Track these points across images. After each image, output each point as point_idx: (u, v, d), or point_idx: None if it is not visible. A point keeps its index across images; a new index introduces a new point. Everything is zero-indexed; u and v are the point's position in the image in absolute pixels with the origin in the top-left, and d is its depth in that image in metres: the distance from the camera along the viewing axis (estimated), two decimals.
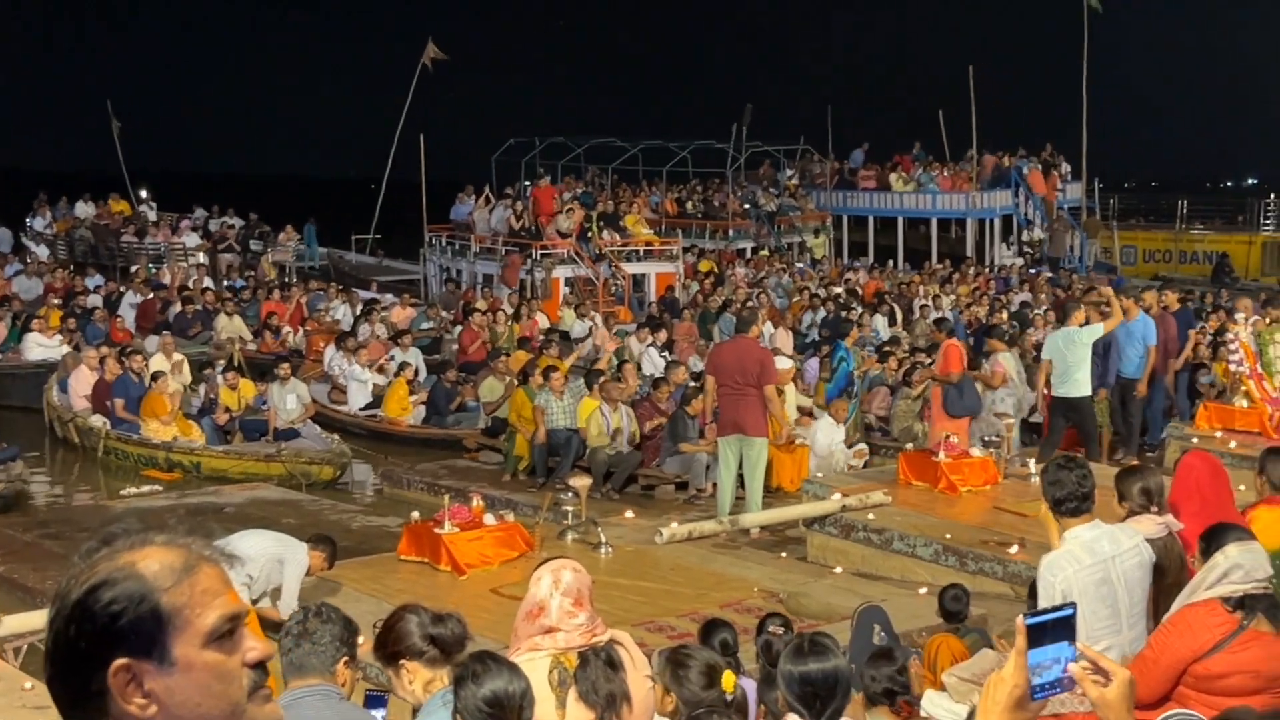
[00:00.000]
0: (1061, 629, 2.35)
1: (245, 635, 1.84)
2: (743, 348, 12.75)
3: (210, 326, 23.71)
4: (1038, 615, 2.36)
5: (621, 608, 9.33)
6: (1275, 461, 6.60)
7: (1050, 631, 2.34)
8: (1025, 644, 2.24)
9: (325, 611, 4.31)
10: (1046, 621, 2.35)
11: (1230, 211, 41.56)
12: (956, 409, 14.39)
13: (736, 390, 12.38)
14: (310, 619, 4.24)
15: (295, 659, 4.16)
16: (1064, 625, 2.35)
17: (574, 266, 28.46)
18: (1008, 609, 9.26)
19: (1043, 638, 2.32)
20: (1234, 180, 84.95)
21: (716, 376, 12.53)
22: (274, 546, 8.95)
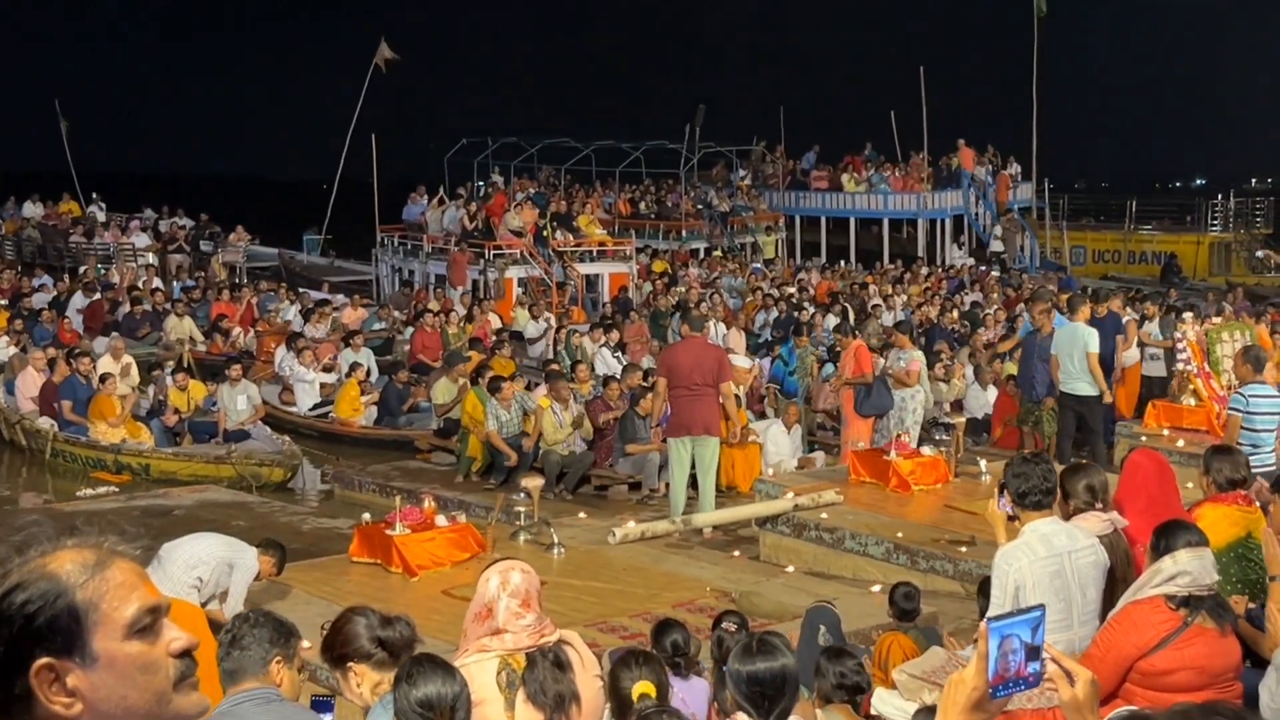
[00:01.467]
0: (1029, 630, 2.36)
1: (168, 626, 1.86)
2: (699, 348, 12.76)
3: (159, 327, 23.52)
4: (1003, 619, 2.37)
5: (574, 608, 9.32)
6: (1219, 460, 6.65)
7: (1017, 633, 2.35)
8: (986, 648, 2.26)
9: (254, 616, 4.29)
10: (1013, 623, 2.37)
11: (1178, 212, 41.95)
12: (866, 409, 14.49)
13: (694, 391, 12.37)
14: (240, 625, 4.23)
15: (229, 666, 4.14)
16: (1033, 627, 2.36)
17: (527, 267, 28.41)
18: (959, 607, 9.32)
19: (1009, 639, 2.33)
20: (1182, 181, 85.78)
21: (671, 378, 12.50)
22: (223, 550, 8.88)
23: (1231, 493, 6.58)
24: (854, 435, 14.44)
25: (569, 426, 15.11)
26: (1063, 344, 13.80)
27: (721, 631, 6.43)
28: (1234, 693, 5.06)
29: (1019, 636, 2.34)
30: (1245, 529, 6.49)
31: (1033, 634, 2.35)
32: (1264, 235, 40.77)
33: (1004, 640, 2.33)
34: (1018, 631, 2.35)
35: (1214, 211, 40.24)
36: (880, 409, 14.56)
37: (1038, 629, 2.36)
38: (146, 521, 13.69)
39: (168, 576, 8.58)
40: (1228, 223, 40.07)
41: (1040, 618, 2.37)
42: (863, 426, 14.51)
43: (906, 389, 14.89)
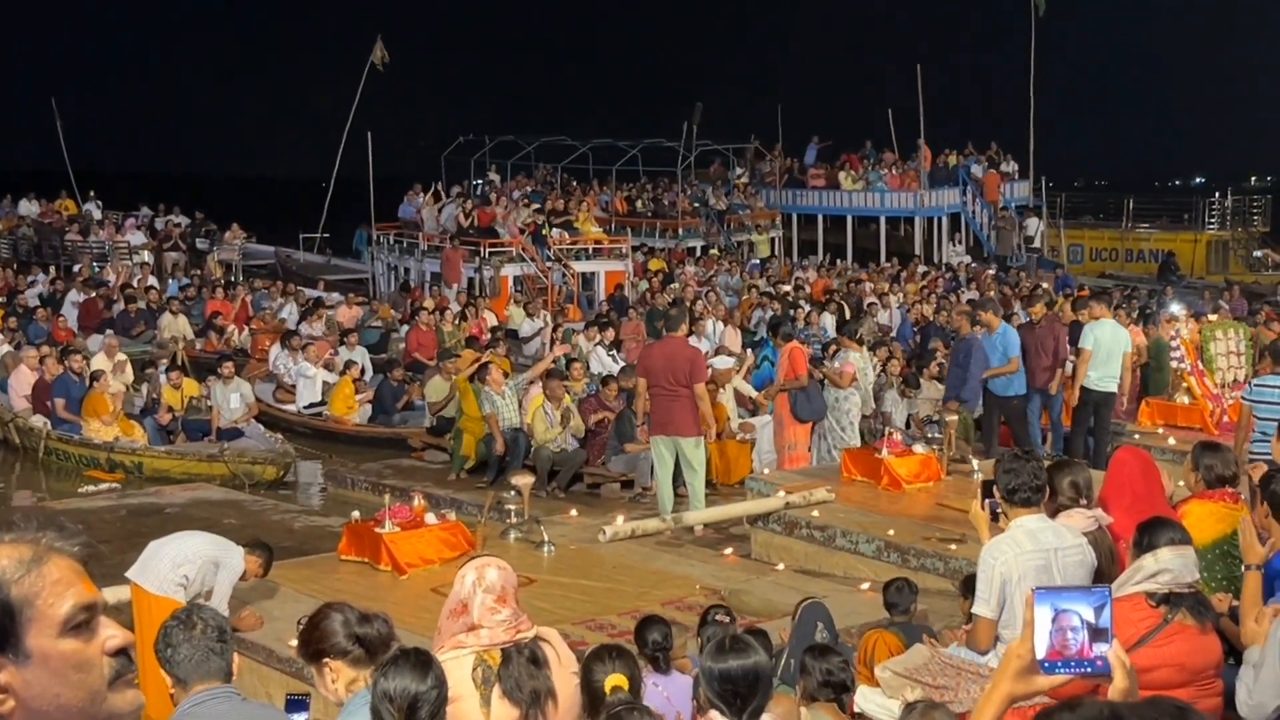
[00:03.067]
0: (1090, 610, 2.29)
1: (104, 624, 1.84)
2: (672, 348, 12.70)
3: (154, 326, 23.51)
4: (1053, 590, 2.32)
5: (563, 606, 9.32)
6: (1208, 456, 6.64)
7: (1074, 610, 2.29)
8: (1033, 616, 2.25)
9: (191, 617, 4.28)
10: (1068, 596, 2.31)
11: (1176, 210, 41.92)
12: (805, 413, 14.41)
13: (668, 391, 12.32)
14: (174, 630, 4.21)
15: (182, 673, 4.14)
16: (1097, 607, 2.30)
17: (522, 265, 28.40)
18: (949, 604, 9.30)
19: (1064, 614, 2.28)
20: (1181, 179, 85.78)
21: (648, 378, 12.45)
22: (210, 549, 8.84)
23: (1219, 490, 6.56)
24: (790, 439, 14.33)
25: (559, 426, 15.08)
26: (1104, 340, 13.68)
27: (714, 625, 6.43)
28: (1214, 690, 5.04)
29: (1079, 614, 2.27)
30: (1231, 526, 6.46)
31: (1096, 614, 2.28)
32: (1261, 234, 40.74)
33: (1060, 615, 2.28)
34: (1076, 608, 2.28)
35: (1211, 210, 40.21)
36: (817, 414, 14.52)
37: (1103, 610, 2.29)
38: (139, 519, 13.69)
39: (155, 574, 8.56)
40: (1225, 221, 40.03)
41: (1106, 598, 2.30)
42: (800, 431, 14.41)
43: (839, 390, 14.79)
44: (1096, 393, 13.71)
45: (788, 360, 14.43)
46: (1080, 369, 13.74)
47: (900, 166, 38.06)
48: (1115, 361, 13.74)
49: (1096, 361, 13.67)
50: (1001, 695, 2.39)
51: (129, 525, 13.35)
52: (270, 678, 8.45)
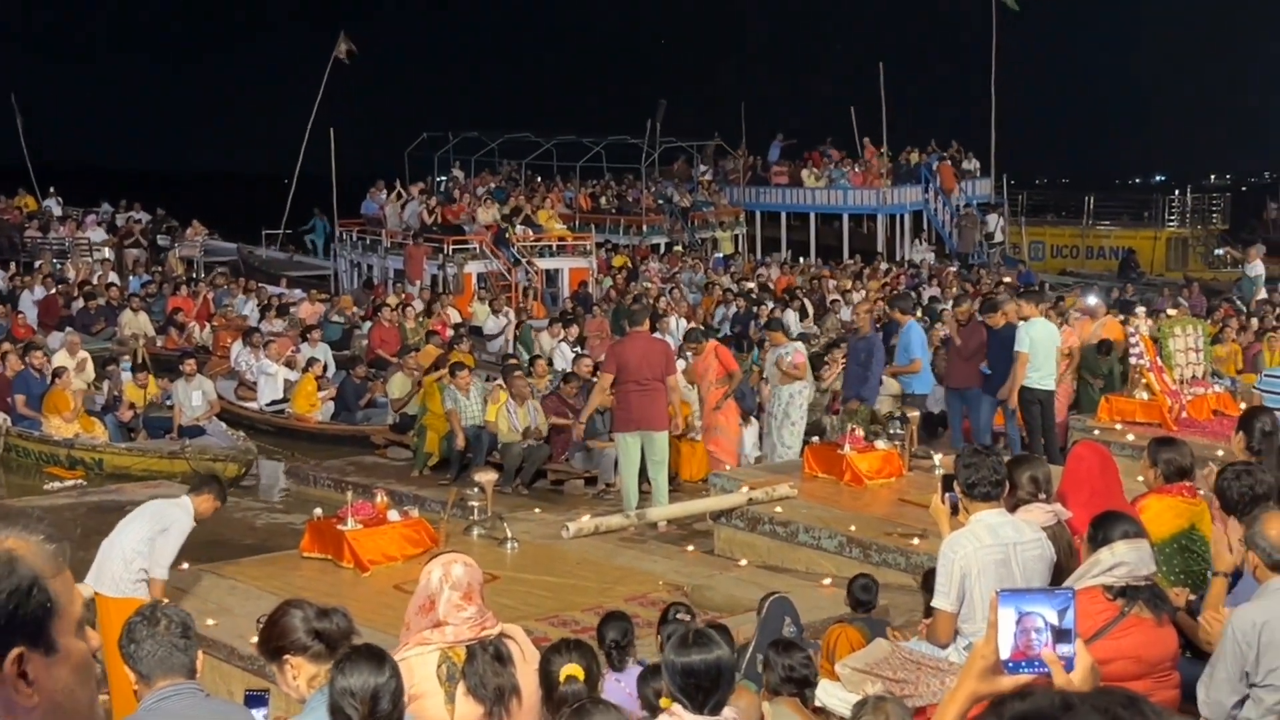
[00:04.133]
0: (1053, 611, 2.33)
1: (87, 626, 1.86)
2: (645, 343, 12.76)
3: (114, 323, 23.37)
4: (1017, 592, 2.36)
5: (526, 602, 9.32)
6: (1165, 451, 6.70)
7: (1038, 611, 2.33)
8: (996, 617, 2.28)
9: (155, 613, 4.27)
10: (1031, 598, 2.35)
11: (1136, 208, 42.22)
12: (749, 402, 14.54)
13: (643, 386, 12.36)
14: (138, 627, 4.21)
15: (145, 669, 4.14)
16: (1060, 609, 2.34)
17: (486, 261, 28.36)
18: (911, 600, 9.35)
19: (1028, 616, 2.32)
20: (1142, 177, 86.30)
21: (621, 374, 12.46)
22: (149, 528, 8.72)
23: (1177, 484, 6.63)
24: (721, 421, 14.32)
25: (521, 429, 15.05)
26: (1040, 340, 13.84)
27: (675, 624, 6.44)
28: (1170, 682, 5.10)
29: (1042, 616, 2.32)
30: (1189, 521, 6.54)
31: (1060, 616, 2.33)
32: (1220, 231, 41.07)
33: (1024, 617, 2.31)
34: (1040, 610, 2.32)
35: (1171, 208, 40.51)
36: (751, 409, 14.58)
37: (1066, 612, 2.33)
38: (100, 517, 13.58)
39: (110, 577, 8.52)
40: (1185, 219, 40.35)
41: (1069, 601, 2.35)
42: (731, 414, 14.44)
43: (795, 383, 14.83)
44: (1038, 391, 13.87)
45: (719, 359, 14.44)
46: (1019, 370, 13.85)
47: (860, 164, 38.18)
48: (1051, 360, 13.93)
49: (1035, 361, 13.82)
50: (966, 694, 2.43)
51: (90, 523, 13.24)
52: (232, 675, 8.42)
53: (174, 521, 8.73)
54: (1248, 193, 58.59)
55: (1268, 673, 4.61)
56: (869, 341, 14.72)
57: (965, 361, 14.48)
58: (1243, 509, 5.65)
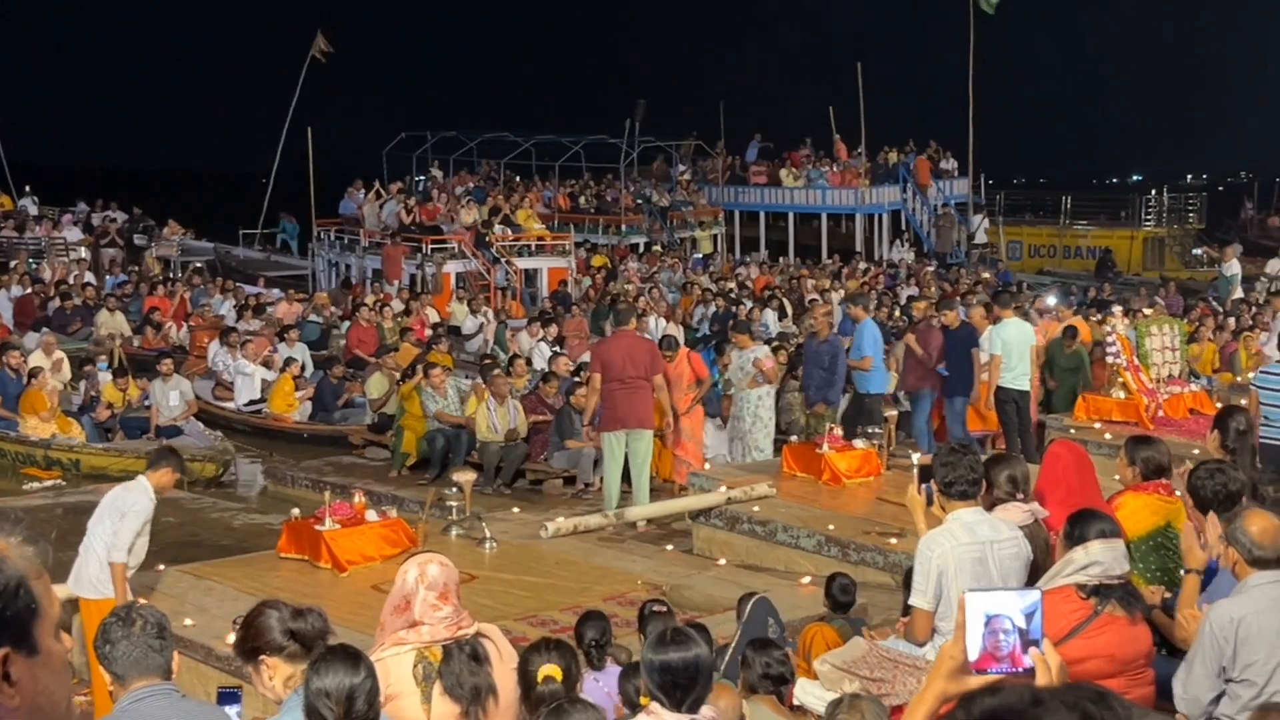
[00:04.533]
0: (1021, 612, 2.35)
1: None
2: (631, 342, 12.78)
3: (90, 322, 23.27)
4: (985, 591, 2.38)
5: (504, 602, 9.31)
6: (1142, 450, 6.73)
7: (1006, 612, 2.35)
8: (964, 618, 2.30)
9: (130, 614, 4.26)
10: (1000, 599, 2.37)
11: (1113, 208, 42.42)
12: (714, 409, 14.60)
13: (629, 385, 12.37)
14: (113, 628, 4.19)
15: (120, 670, 4.12)
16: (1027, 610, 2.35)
17: (465, 261, 28.32)
18: (889, 598, 9.38)
19: (996, 616, 2.33)
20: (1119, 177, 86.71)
21: (605, 373, 12.46)
22: (109, 523, 8.62)
23: (1153, 482, 6.66)
24: (688, 426, 14.34)
25: (502, 430, 15.03)
26: (1013, 340, 13.92)
27: (655, 618, 6.46)
28: (1145, 680, 5.12)
29: (1010, 619, 2.33)
30: (1165, 519, 6.57)
31: (1028, 621, 2.35)
32: (1197, 230, 41.30)
33: (992, 619, 2.33)
34: (1008, 613, 2.34)
35: (1148, 207, 40.71)
36: (716, 412, 14.64)
37: (1033, 614, 2.35)
38: (76, 518, 13.52)
39: (88, 580, 8.48)
40: (1161, 218, 40.56)
41: (1037, 605, 2.37)
42: (698, 419, 14.45)
43: (761, 387, 14.86)
44: (1012, 390, 13.94)
45: (691, 365, 14.48)
46: (993, 373, 13.93)
47: (838, 165, 38.31)
48: (1026, 360, 14.00)
49: (1009, 361, 13.90)
50: (935, 694, 2.45)
51: (66, 523, 13.18)
52: (209, 676, 8.39)
53: (130, 505, 8.61)
54: (1224, 192, 58.96)
55: (1244, 668, 4.64)
56: (831, 344, 14.79)
57: (918, 364, 14.51)
58: (1216, 507, 5.68)
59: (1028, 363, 14.04)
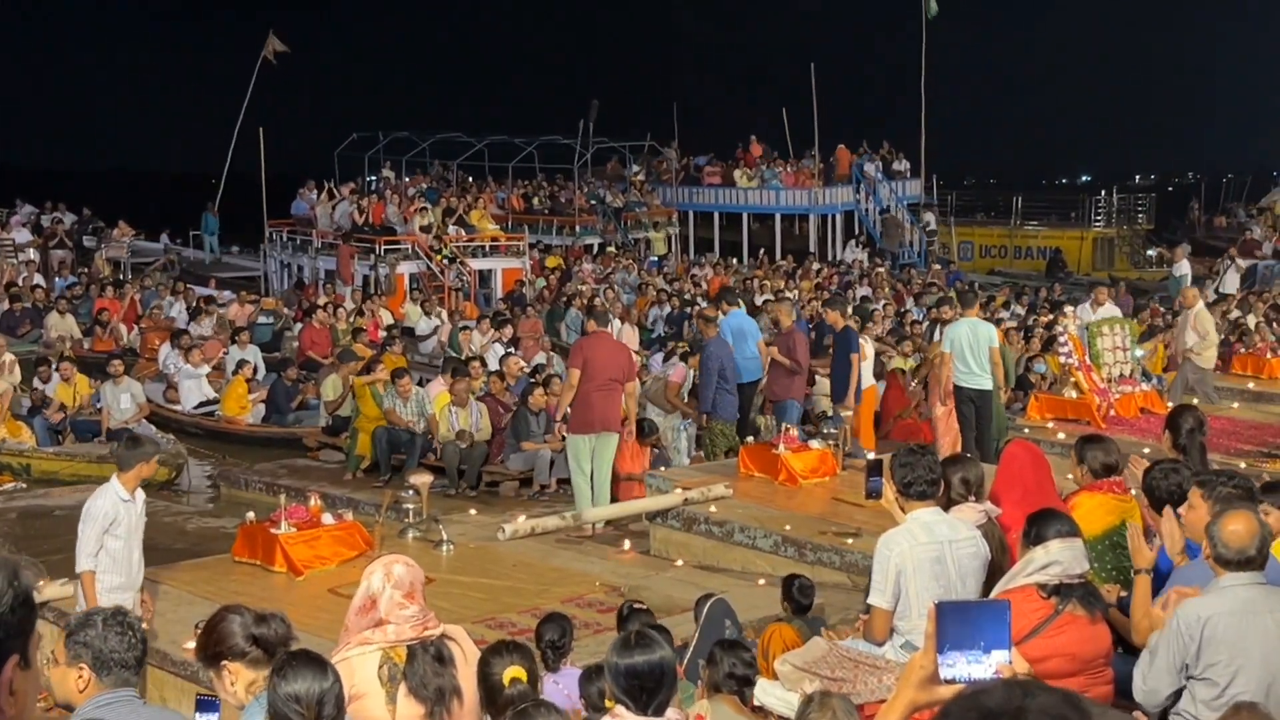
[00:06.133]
0: (989, 622, 2.38)
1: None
2: (612, 345, 12.80)
3: (40, 324, 23.05)
4: (953, 603, 2.41)
5: (462, 605, 9.29)
6: (1092, 449, 6.79)
7: (974, 621, 2.38)
8: (934, 629, 2.33)
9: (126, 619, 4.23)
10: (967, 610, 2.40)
11: (1063, 208, 42.78)
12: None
13: (606, 388, 12.34)
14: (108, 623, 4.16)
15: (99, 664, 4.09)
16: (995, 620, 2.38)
17: (418, 262, 28.23)
18: (845, 598, 9.42)
19: (964, 626, 2.36)
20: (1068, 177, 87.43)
21: (586, 372, 12.30)
22: (81, 532, 8.31)
23: (1106, 481, 6.72)
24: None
25: (458, 431, 14.98)
26: (962, 339, 13.92)
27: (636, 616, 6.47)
28: (1104, 678, 5.17)
29: (979, 638, 2.37)
30: (1120, 517, 6.63)
31: (996, 631, 2.38)
32: (1146, 231, 41.71)
33: (960, 639, 2.36)
34: (975, 630, 2.37)
35: (1098, 208, 41.08)
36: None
37: (1002, 625, 2.39)
38: (28, 522, 13.43)
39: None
40: (1111, 218, 40.93)
41: (1005, 611, 2.40)
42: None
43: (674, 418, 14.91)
44: (969, 390, 13.96)
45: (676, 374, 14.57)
46: (944, 370, 13.97)
47: (792, 165, 38.54)
48: (980, 358, 13.97)
49: (961, 360, 13.92)
50: (905, 702, 2.48)
51: (18, 529, 13.11)
52: (165, 681, 8.33)
53: (87, 511, 8.34)
54: (1173, 193, 59.55)
55: (1207, 667, 4.68)
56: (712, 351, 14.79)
57: (785, 372, 14.39)
58: (1172, 506, 5.75)
59: (985, 362, 14.04)
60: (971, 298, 15.92)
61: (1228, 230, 39.29)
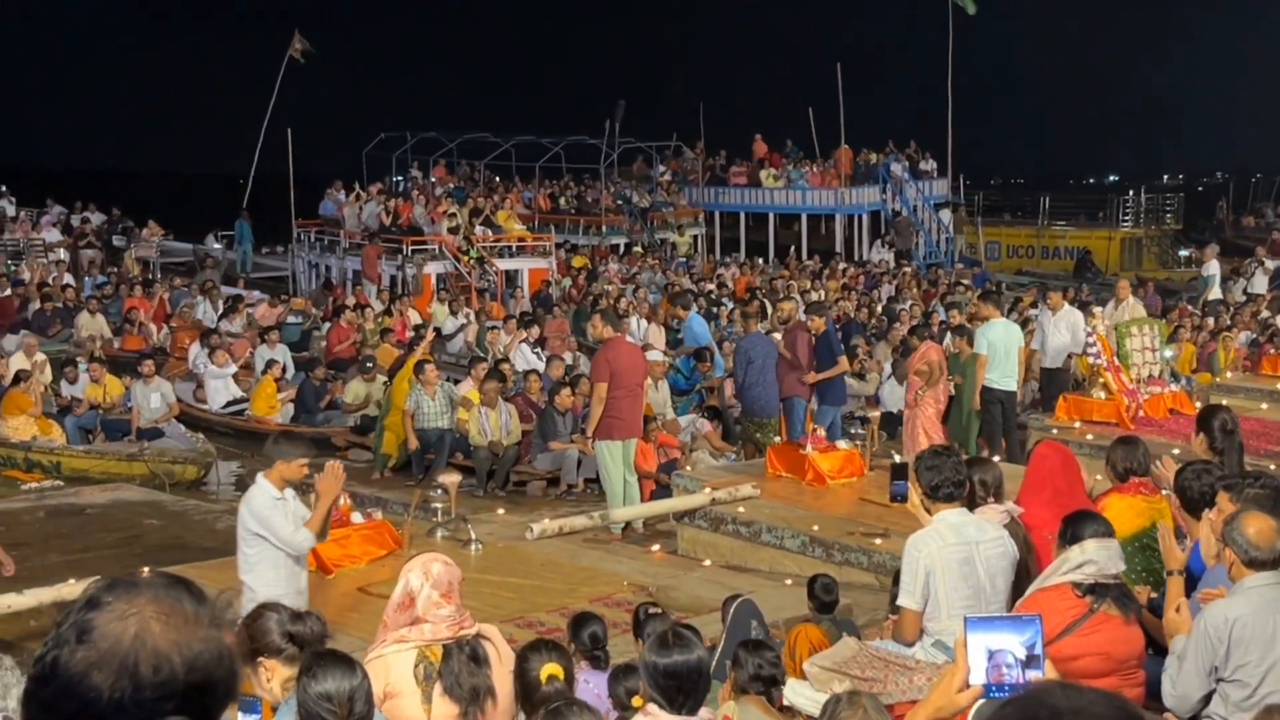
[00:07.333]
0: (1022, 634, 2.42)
1: None
2: (630, 348, 12.82)
3: (71, 324, 23.19)
4: (984, 620, 2.45)
5: (491, 604, 9.30)
6: (1123, 450, 6.78)
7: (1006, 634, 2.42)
8: (964, 647, 2.37)
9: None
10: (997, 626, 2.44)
11: (1091, 208, 42.60)
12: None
13: (633, 393, 12.36)
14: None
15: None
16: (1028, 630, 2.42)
17: (445, 262, 28.30)
18: (873, 599, 9.42)
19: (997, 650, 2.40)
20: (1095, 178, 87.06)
21: (618, 378, 12.24)
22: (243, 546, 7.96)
23: (1134, 482, 6.71)
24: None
25: (491, 435, 15.00)
26: (998, 341, 13.98)
27: (651, 620, 6.47)
28: (1136, 680, 5.17)
29: (1011, 653, 2.41)
30: (1150, 519, 6.62)
31: (1029, 647, 2.41)
32: (1174, 231, 41.51)
33: (995, 654, 2.40)
34: (1009, 647, 2.41)
35: (1125, 208, 40.90)
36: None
37: (1034, 641, 2.42)
38: (58, 520, 13.50)
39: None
40: (1139, 218, 40.75)
41: (1036, 630, 2.43)
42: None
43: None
44: (998, 391, 14.00)
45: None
46: (979, 372, 14.00)
47: (819, 165, 38.48)
48: (1012, 360, 14.06)
49: (994, 362, 13.97)
50: (933, 708, 2.50)
51: (48, 527, 13.17)
52: None
53: (255, 513, 7.87)
54: (1202, 192, 59.26)
55: (1236, 668, 4.68)
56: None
57: (789, 368, 14.26)
58: (1205, 507, 5.73)
59: (1014, 363, 14.08)
60: (999, 299, 15.91)
61: (1256, 230, 39.05)
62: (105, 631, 1.80)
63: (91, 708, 1.77)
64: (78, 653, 1.79)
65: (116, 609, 1.83)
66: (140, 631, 1.81)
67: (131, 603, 1.84)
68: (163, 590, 1.88)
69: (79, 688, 1.77)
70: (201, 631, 1.86)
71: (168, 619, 1.83)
